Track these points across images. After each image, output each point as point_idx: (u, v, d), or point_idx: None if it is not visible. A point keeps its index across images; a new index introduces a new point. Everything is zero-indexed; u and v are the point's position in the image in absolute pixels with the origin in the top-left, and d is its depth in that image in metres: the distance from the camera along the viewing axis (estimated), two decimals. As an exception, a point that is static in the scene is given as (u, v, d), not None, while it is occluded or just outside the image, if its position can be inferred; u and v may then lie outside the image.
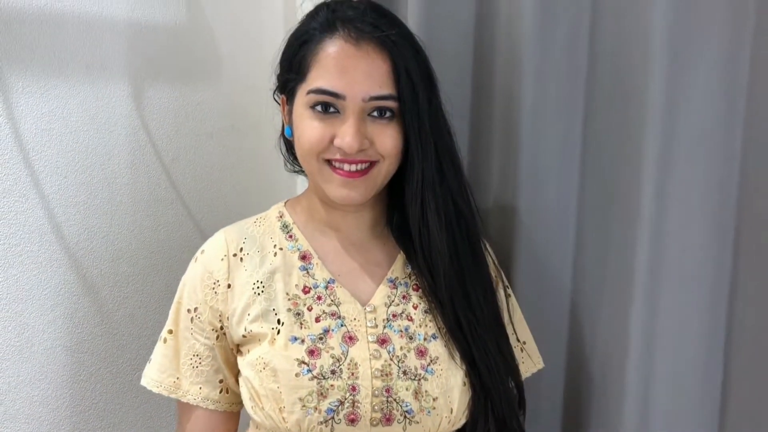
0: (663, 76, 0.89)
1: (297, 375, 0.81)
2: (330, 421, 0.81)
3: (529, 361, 0.98)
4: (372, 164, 0.85)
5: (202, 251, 0.93)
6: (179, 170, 1.22)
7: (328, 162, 0.85)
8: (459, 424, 0.86)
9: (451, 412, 0.84)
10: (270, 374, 0.82)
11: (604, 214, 1.00)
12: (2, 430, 1.00)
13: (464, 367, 0.86)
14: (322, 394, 0.81)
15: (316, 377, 0.81)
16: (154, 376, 0.92)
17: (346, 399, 0.81)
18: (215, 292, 0.89)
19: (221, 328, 0.89)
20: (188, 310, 0.90)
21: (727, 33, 0.86)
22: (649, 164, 0.91)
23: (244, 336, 0.86)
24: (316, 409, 0.81)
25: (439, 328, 0.87)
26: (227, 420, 0.93)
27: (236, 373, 0.91)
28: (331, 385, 0.81)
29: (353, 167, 0.84)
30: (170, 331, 0.92)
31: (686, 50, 0.88)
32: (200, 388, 0.90)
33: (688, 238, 0.91)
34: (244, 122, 1.33)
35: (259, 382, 0.83)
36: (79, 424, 1.10)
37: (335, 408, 0.81)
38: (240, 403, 0.93)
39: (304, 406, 0.81)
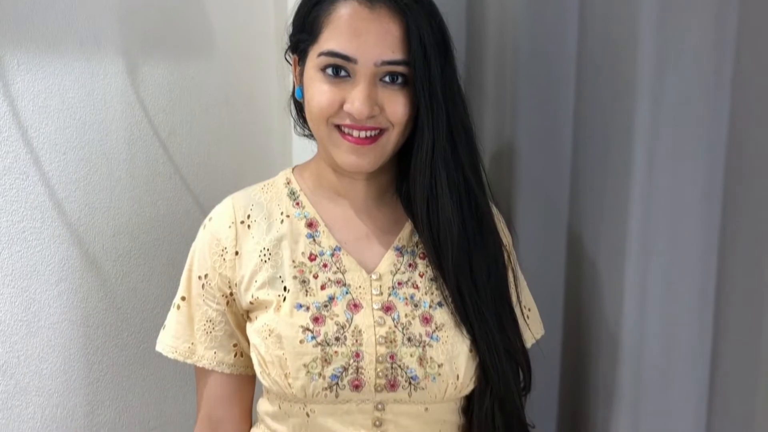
0: (652, 40, 0.90)
1: (301, 342, 0.83)
2: (334, 387, 0.82)
3: (534, 327, 0.99)
4: (382, 131, 0.84)
5: (210, 218, 0.94)
6: (176, 144, 1.23)
7: (338, 127, 0.84)
8: (466, 390, 0.87)
9: (458, 379, 0.85)
10: (275, 341, 0.84)
11: (599, 174, 1.01)
12: (14, 403, 1.03)
13: (469, 337, 0.86)
14: (326, 360, 0.82)
15: (320, 344, 0.83)
16: (169, 342, 0.94)
17: (350, 365, 0.82)
18: (223, 259, 0.90)
19: (231, 294, 0.90)
20: (199, 277, 0.91)
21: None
22: (640, 123, 0.93)
23: (251, 303, 0.88)
24: (321, 375, 0.82)
25: (444, 297, 0.88)
26: (244, 383, 0.95)
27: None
28: (335, 352, 0.82)
29: (362, 134, 0.83)
30: (183, 298, 0.93)
31: (675, 15, 0.89)
32: (215, 352, 0.91)
33: (678, 196, 0.93)
34: (238, 95, 1.34)
35: (265, 349, 0.85)
36: (89, 396, 1.13)
37: (339, 374, 0.82)
38: None
39: (308, 372, 0.82)
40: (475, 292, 0.85)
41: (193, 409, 1.29)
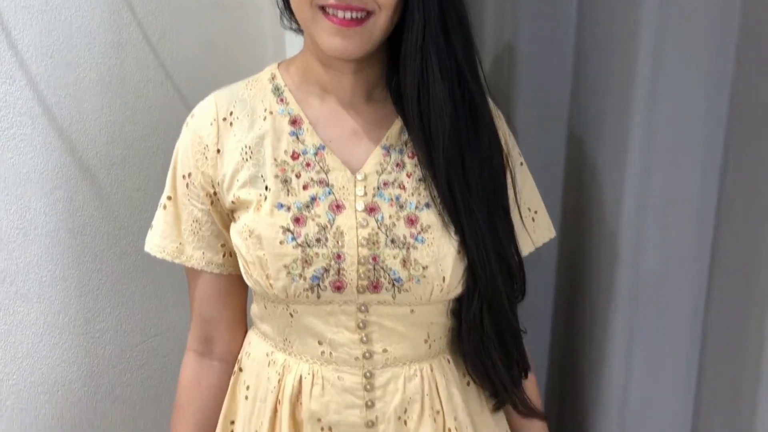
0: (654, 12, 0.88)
1: (281, 243, 0.81)
2: (315, 288, 0.81)
3: (541, 231, 0.95)
4: (369, 14, 0.79)
5: (192, 115, 0.90)
6: (166, 49, 1.19)
7: (322, 9, 0.79)
8: (454, 293, 0.85)
9: (444, 281, 0.83)
10: (255, 241, 0.82)
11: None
12: (16, 309, 1.03)
13: (458, 238, 0.83)
14: (306, 261, 0.81)
15: (300, 245, 0.81)
16: (157, 242, 0.92)
17: (331, 267, 0.81)
18: (205, 157, 0.87)
19: (214, 194, 0.88)
20: (183, 176, 0.89)
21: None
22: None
23: (233, 202, 0.86)
24: (301, 276, 0.81)
25: (433, 197, 0.84)
26: (234, 283, 0.93)
27: None
28: (316, 253, 0.81)
29: (348, 14, 0.78)
30: (169, 198, 0.91)
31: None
32: (203, 252, 0.90)
33: (684, 96, 0.91)
34: (229, -1, 1.29)
35: (246, 250, 0.83)
36: (89, 304, 1.14)
37: (320, 275, 0.81)
38: None
39: (289, 273, 0.81)
40: (466, 190, 0.82)
41: (194, 316, 1.31)
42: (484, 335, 0.87)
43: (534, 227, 0.94)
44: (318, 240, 0.81)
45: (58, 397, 1.10)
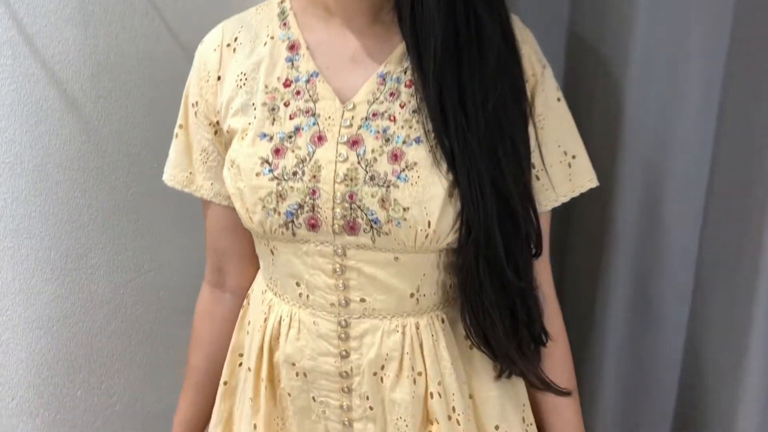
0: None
1: (258, 174, 0.77)
2: (290, 225, 0.77)
3: (579, 178, 0.83)
4: None
5: (202, 42, 0.88)
6: (151, -23, 1.15)
7: None
8: (445, 241, 0.76)
9: (429, 226, 0.74)
10: (236, 172, 0.79)
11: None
12: (6, 244, 1.02)
13: (451, 177, 0.74)
14: (281, 195, 0.76)
15: (276, 178, 0.77)
16: (169, 171, 0.91)
17: (305, 203, 0.76)
18: (209, 85, 0.85)
19: (217, 122, 0.86)
20: (192, 105, 0.87)
21: None
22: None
23: (227, 132, 0.83)
24: (276, 211, 0.77)
25: (426, 132, 0.75)
26: None
27: None
28: (291, 187, 0.76)
29: None
30: (180, 126, 0.89)
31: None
32: (212, 183, 0.88)
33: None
34: None
35: (229, 181, 0.81)
36: (81, 240, 1.12)
37: (294, 211, 0.77)
38: None
39: (264, 207, 0.77)
40: (462, 117, 0.73)
41: (188, 253, 1.31)
42: (482, 293, 0.77)
43: (570, 174, 0.82)
44: (294, 173, 0.76)
45: (53, 332, 1.10)
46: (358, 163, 0.76)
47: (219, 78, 0.84)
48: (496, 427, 0.83)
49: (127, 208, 1.18)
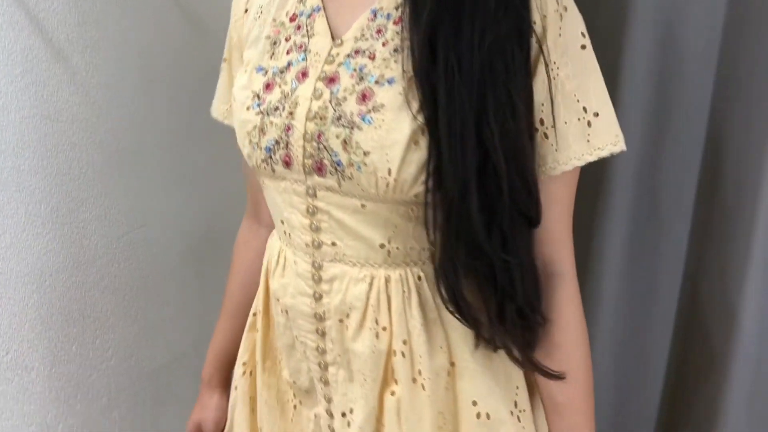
0: None
1: (248, 108, 0.78)
2: (269, 161, 0.76)
3: (599, 139, 0.73)
4: None
5: None
6: None
7: None
8: (411, 191, 0.71)
9: (389, 174, 0.69)
10: (234, 105, 0.81)
11: None
12: (-6, 196, 1.01)
13: (419, 123, 0.68)
14: (262, 130, 0.76)
15: (261, 113, 0.76)
16: (215, 104, 0.93)
17: (281, 139, 0.75)
18: (239, 18, 0.86)
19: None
20: (230, 39, 0.88)
21: None
22: None
23: (246, 65, 0.83)
24: (258, 145, 0.76)
25: (404, 71, 0.70)
26: None
27: None
28: (271, 122, 0.75)
29: None
30: (225, 60, 0.91)
31: None
32: None
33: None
34: None
35: (233, 114, 0.81)
36: (71, 193, 1.11)
37: (272, 147, 0.75)
38: None
39: (250, 141, 0.77)
40: (454, 58, 0.66)
41: (180, 208, 1.30)
42: (454, 254, 0.70)
43: (589, 133, 0.73)
44: (276, 108, 0.75)
45: (46, 286, 1.09)
46: (330, 101, 0.73)
47: (246, 11, 0.85)
48: (474, 403, 0.76)
49: (118, 162, 1.16)
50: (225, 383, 1.00)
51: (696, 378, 0.99)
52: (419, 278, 0.77)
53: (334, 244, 0.77)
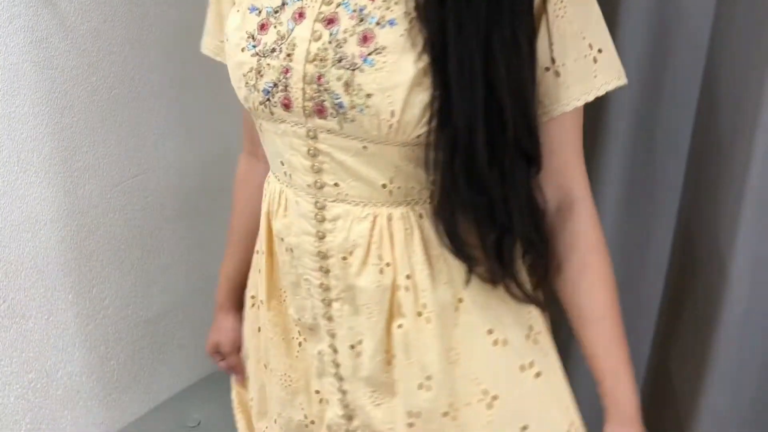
0: None
1: (242, 50, 0.76)
2: (267, 103, 0.76)
3: (604, 75, 0.76)
4: None
5: None
6: None
7: None
8: (414, 132, 0.72)
9: (392, 116, 0.70)
10: (228, 46, 0.78)
11: None
12: (-15, 144, 1.00)
13: (422, 65, 0.69)
14: (259, 72, 0.75)
15: (257, 54, 0.75)
16: (204, 39, 0.89)
17: (279, 81, 0.74)
18: None
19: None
20: None
21: None
22: None
23: (238, 6, 0.81)
24: (255, 87, 0.75)
25: (406, 13, 0.70)
26: None
27: None
28: (268, 64, 0.74)
29: None
30: None
31: None
32: None
33: None
34: None
35: (226, 56, 0.79)
36: (65, 142, 1.10)
37: (270, 89, 0.75)
38: None
39: (246, 83, 0.76)
40: None
41: (174, 157, 1.29)
42: (455, 191, 0.72)
43: (595, 70, 0.75)
44: (273, 50, 0.74)
45: (41, 235, 1.09)
46: (329, 42, 0.72)
47: None
48: (489, 331, 0.79)
49: (110, 110, 1.15)
50: (238, 305, 1.02)
51: (687, 323, 1.00)
52: (420, 216, 0.78)
53: (336, 184, 0.78)
